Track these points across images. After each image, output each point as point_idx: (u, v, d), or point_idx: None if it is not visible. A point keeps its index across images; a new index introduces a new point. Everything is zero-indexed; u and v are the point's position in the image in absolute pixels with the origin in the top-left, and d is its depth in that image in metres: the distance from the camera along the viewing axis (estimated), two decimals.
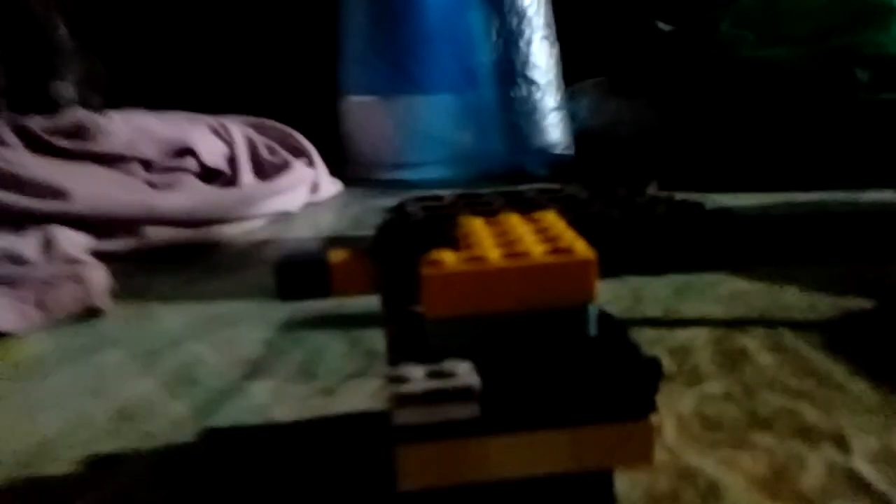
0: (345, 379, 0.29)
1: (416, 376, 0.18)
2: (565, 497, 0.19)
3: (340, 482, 0.22)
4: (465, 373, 0.18)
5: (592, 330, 0.19)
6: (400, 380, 0.18)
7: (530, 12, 0.76)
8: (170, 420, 0.27)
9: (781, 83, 0.67)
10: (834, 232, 0.48)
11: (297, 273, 0.20)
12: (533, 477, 0.19)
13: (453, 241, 0.20)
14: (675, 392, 0.26)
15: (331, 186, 0.70)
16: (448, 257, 0.18)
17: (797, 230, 0.49)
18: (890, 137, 0.62)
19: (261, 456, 0.24)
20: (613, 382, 0.18)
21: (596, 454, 0.18)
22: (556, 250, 0.19)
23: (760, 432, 0.23)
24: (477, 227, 0.21)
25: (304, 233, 0.58)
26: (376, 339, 0.33)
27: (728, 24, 0.74)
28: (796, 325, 0.31)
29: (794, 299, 0.35)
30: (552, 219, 0.21)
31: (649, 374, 0.18)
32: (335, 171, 0.74)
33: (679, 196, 0.52)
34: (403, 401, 0.18)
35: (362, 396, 0.27)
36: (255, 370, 0.31)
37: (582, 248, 0.19)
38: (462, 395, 0.18)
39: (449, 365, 0.18)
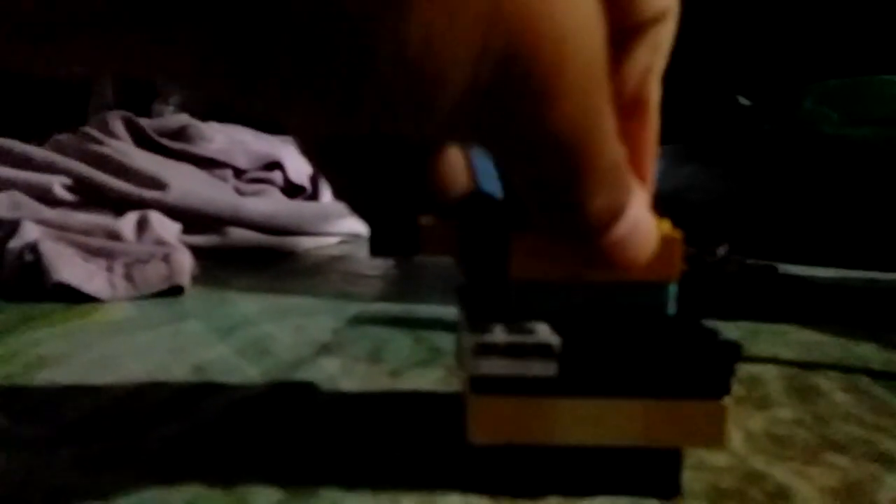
0: (410, 366, 0.30)
1: (499, 330, 0.19)
2: (632, 477, 0.19)
3: (407, 439, 0.22)
4: (545, 332, 0.18)
5: (671, 308, 0.19)
6: (483, 330, 0.18)
7: None
8: (243, 379, 0.28)
9: (864, 161, 0.66)
10: None
11: (389, 229, 0.22)
12: (601, 449, 0.19)
13: None
14: (743, 412, 0.26)
15: None
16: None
17: (873, 298, 0.48)
18: None
19: (329, 411, 0.24)
20: (692, 358, 0.18)
21: (668, 430, 0.18)
22: None
23: (833, 453, 0.22)
24: None
25: None
26: (442, 339, 0.33)
27: (811, 101, 0.74)
28: (875, 374, 0.31)
29: (870, 352, 0.34)
30: None
31: (728, 355, 0.18)
32: None
33: (750, 261, 0.51)
34: (484, 350, 0.18)
35: (428, 381, 0.28)
36: (324, 350, 0.32)
37: (668, 227, 0.19)
38: (542, 351, 0.18)
39: (530, 324, 0.19)
